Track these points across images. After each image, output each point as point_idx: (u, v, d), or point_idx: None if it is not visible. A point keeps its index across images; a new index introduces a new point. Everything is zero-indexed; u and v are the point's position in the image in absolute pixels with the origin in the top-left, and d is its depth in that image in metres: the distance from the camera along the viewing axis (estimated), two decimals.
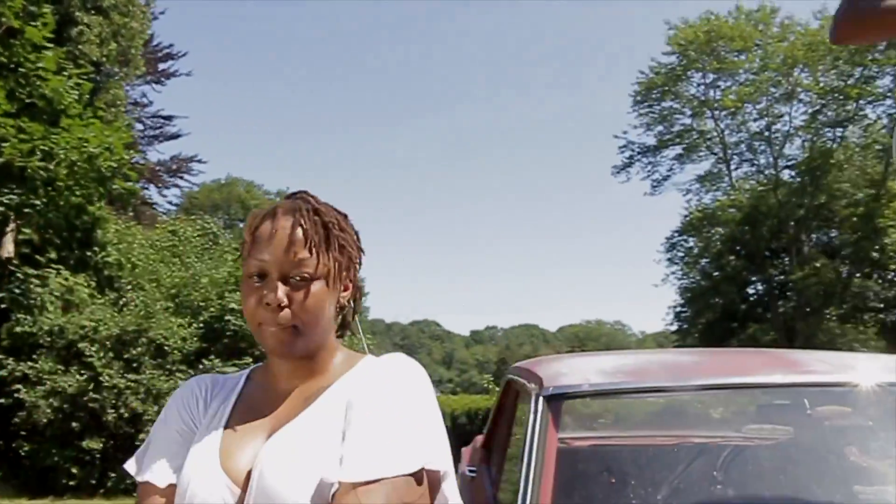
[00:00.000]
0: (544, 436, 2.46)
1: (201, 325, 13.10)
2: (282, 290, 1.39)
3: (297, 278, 1.39)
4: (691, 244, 31.98)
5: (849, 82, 27.41)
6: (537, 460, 2.41)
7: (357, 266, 1.52)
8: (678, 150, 31.58)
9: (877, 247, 26.64)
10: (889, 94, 27.27)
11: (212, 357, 12.32)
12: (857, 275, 28.40)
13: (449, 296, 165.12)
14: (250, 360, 12.15)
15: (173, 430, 1.49)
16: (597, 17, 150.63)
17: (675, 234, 31.86)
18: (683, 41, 29.47)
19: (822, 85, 28.05)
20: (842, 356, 2.88)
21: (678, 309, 32.63)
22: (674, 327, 33.97)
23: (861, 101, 27.59)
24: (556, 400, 2.54)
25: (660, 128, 31.53)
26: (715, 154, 31.25)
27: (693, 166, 31.95)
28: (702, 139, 31.22)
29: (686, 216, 31.44)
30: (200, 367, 11.94)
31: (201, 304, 13.44)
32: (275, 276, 1.39)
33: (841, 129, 28.33)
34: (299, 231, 1.41)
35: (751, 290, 32.05)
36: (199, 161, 29.17)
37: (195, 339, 12.86)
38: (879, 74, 27.37)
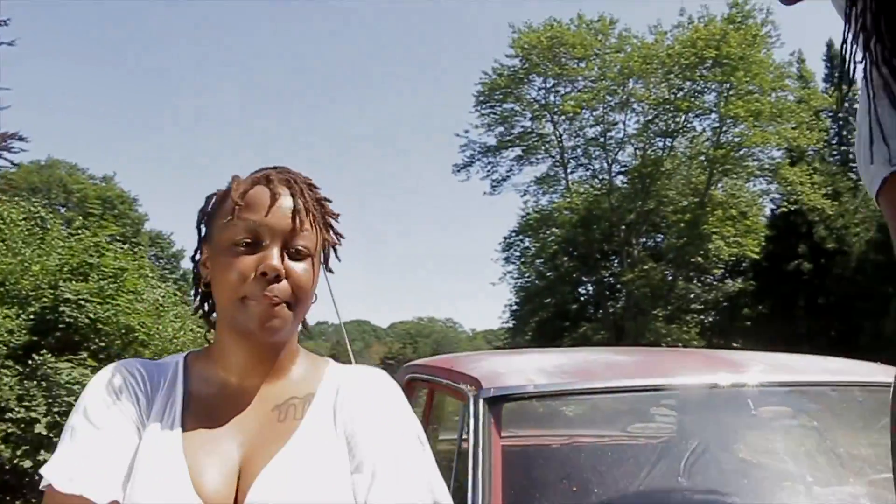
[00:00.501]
0: (488, 441, 2.29)
1: (31, 316, 12.05)
2: (281, 258, 1.24)
3: (297, 249, 1.26)
4: (528, 244, 32.78)
5: (678, 95, 28.91)
6: (484, 467, 2.25)
7: (334, 252, 1.41)
8: (518, 151, 32.31)
9: (701, 252, 28.28)
10: (714, 109, 28.98)
11: (43, 352, 11.33)
12: (682, 278, 30.04)
13: None
14: (86, 354, 11.28)
15: (107, 431, 1.21)
16: (443, 16, 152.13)
17: (513, 234, 32.61)
18: (527, 45, 30.12)
19: (654, 96, 29.43)
20: (774, 357, 2.89)
21: (514, 308, 33.40)
22: (509, 325, 34.74)
23: (689, 114, 29.21)
24: (498, 402, 2.39)
25: (500, 129, 32.14)
26: (553, 157, 32.17)
27: (531, 168, 32.77)
28: (541, 142, 32.05)
29: (523, 217, 32.24)
30: (30, 362, 10.98)
31: (31, 293, 12.38)
32: (274, 242, 1.24)
33: (670, 140, 29.86)
34: (300, 201, 1.28)
35: (583, 290, 33.32)
36: (21, 139, 27.08)
37: (24, 331, 11.83)
38: (706, 90, 29.06)
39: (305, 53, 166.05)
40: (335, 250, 1.39)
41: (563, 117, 31.23)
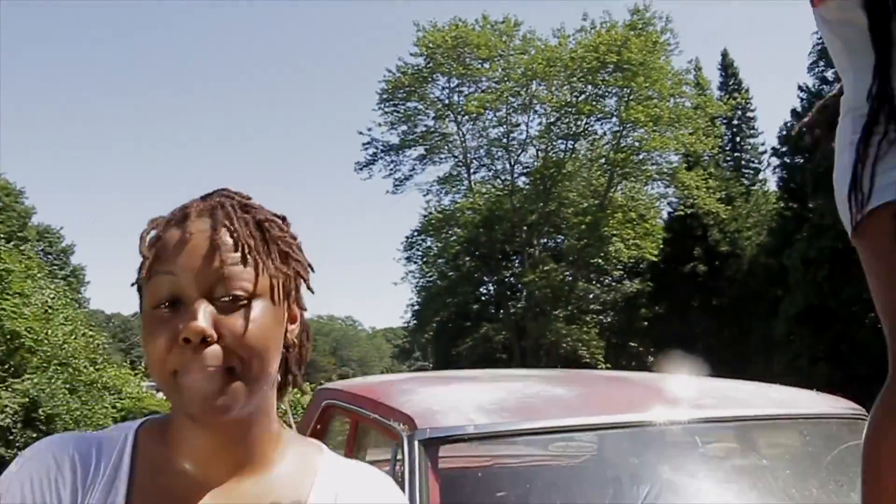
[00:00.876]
0: (425, 486, 2.05)
1: None
2: (206, 314, 0.93)
3: (228, 297, 0.95)
4: (430, 244, 32.61)
5: (580, 99, 29.24)
6: None
7: (304, 285, 1.09)
8: (421, 150, 32.11)
9: (601, 254, 28.68)
10: (614, 113, 29.44)
11: None
12: (582, 279, 30.41)
13: None
14: None
15: None
16: (347, 12, 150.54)
17: (415, 234, 32.39)
18: (431, 44, 29.94)
19: (556, 99, 29.69)
20: (717, 387, 2.73)
21: (416, 308, 33.21)
22: (410, 324, 34.55)
23: (591, 118, 29.58)
24: (435, 444, 2.13)
25: (404, 127, 31.88)
26: (455, 157, 32.12)
27: (434, 168, 32.63)
28: (444, 142, 31.95)
29: (425, 216, 32.05)
30: None
31: None
32: (194, 296, 0.95)
33: (572, 142, 30.20)
34: (224, 233, 0.98)
35: (484, 291, 33.39)
36: None
37: None
38: (607, 94, 29.48)
39: (204, 48, 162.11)
40: (306, 282, 1.08)
41: (466, 117, 31.21)
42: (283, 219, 1.09)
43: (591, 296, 31.01)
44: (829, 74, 22.06)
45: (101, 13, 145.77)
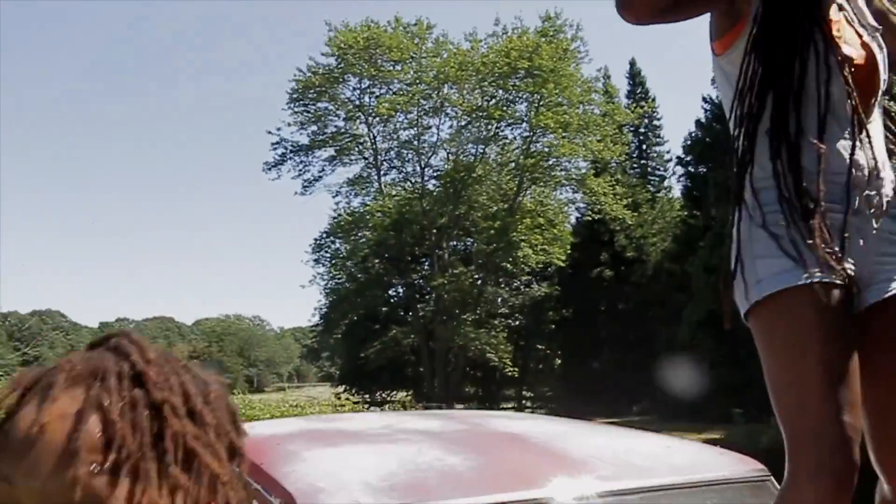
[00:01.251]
0: None
1: None
2: None
3: None
4: (339, 246, 32.25)
5: (491, 103, 29.33)
6: None
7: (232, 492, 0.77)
8: (331, 151, 31.70)
9: (510, 258, 28.81)
10: (525, 119, 29.62)
11: None
12: (491, 283, 30.52)
13: (77, 285, 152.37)
14: None
15: None
16: (258, 11, 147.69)
17: (324, 236, 31.95)
18: (343, 44, 29.57)
19: (467, 103, 29.70)
20: (623, 449, 2.60)
21: (324, 310, 32.79)
22: (319, 327, 34.14)
23: (501, 123, 29.67)
24: None
25: (314, 128, 31.42)
26: (366, 159, 31.84)
27: (344, 169, 32.30)
28: (354, 143, 31.62)
29: (335, 218, 31.65)
30: None
31: None
32: None
33: (482, 146, 30.23)
34: (94, 424, 0.69)
35: (393, 293, 33.18)
36: None
37: None
38: (518, 100, 29.65)
39: (105, 43, 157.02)
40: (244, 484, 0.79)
41: (377, 119, 30.96)
42: (207, 386, 0.79)
43: (499, 299, 31.14)
44: None
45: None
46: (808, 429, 1.48)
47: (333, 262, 32.12)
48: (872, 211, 1.66)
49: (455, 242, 32.05)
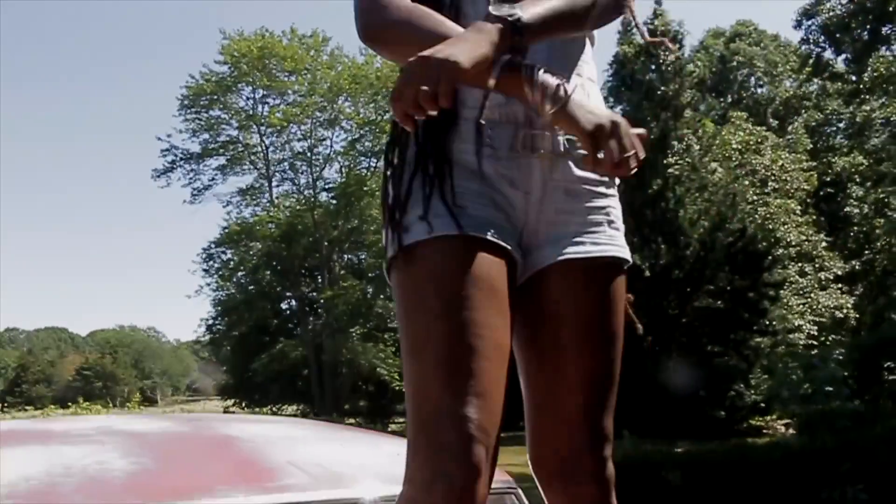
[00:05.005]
0: None
1: None
2: None
3: None
4: (229, 256, 31.76)
5: (385, 117, 29.36)
6: None
7: None
8: (222, 160, 31.30)
9: None
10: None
11: None
12: (382, 296, 30.45)
13: None
14: None
15: None
16: (151, 15, 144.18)
17: (213, 246, 31.40)
18: (237, 53, 29.27)
19: (361, 116, 29.71)
20: (317, 454, 2.55)
21: (210, 321, 32.20)
22: (206, 339, 33.47)
23: None
24: None
25: (205, 136, 30.98)
26: (258, 169, 31.56)
27: (236, 179, 31.96)
28: (246, 153, 31.29)
29: (225, 228, 31.17)
30: None
31: None
32: None
33: (375, 159, 30.25)
34: None
35: (284, 306, 32.80)
36: None
37: None
38: None
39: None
40: None
41: (270, 129, 30.71)
42: None
43: (391, 314, 31.09)
44: (618, 111, 23.19)
45: None
46: (423, 424, 1.25)
47: (222, 272, 31.60)
48: (538, 154, 1.37)
49: (347, 256, 31.93)
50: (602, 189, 1.45)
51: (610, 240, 1.44)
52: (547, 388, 1.43)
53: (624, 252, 1.45)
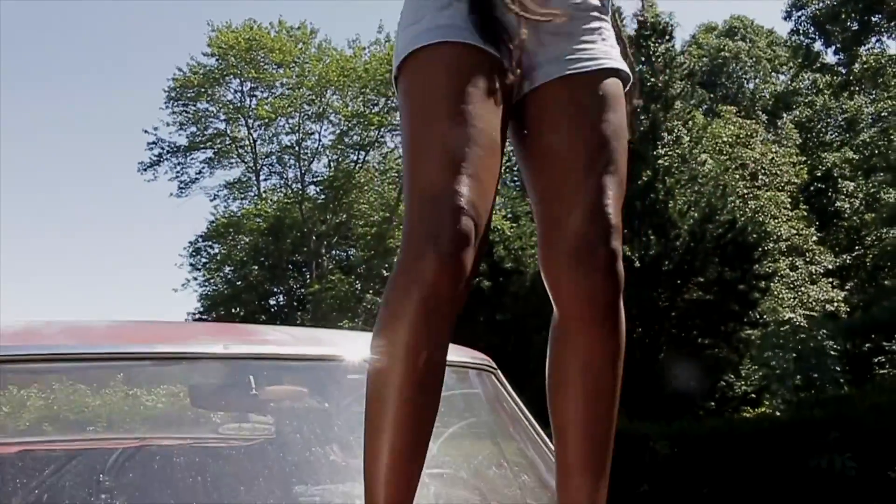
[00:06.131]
0: None
1: None
2: None
3: None
4: (216, 250, 31.53)
5: (374, 110, 29.23)
6: None
7: None
8: (209, 153, 31.00)
9: (386, 265, 28.69)
10: None
11: None
12: (370, 291, 30.29)
13: None
14: None
15: None
16: (137, 7, 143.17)
17: (200, 239, 31.13)
18: (224, 45, 29.00)
19: (350, 109, 29.51)
20: (299, 330, 2.55)
21: (197, 316, 31.94)
22: None
23: (382, 129, 29.58)
24: None
25: (193, 129, 30.65)
26: (245, 162, 31.27)
27: (223, 172, 31.62)
28: (234, 146, 31.03)
29: (212, 222, 30.93)
30: None
31: None
32: None
33: (363, 153, 30.09)
34: None
35: (272, 301, 32.62)
36: None
37: None
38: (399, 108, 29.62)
39: None
40: None
41: (258, 122, 30.46)
42: None
43: (378, 308, 30.97)
44: None
45: None
46: (417, 201, 1.36)
47: (209, 266, 31.37)
48: None
49: (335, 250, 31.76)
50: (596, 13, 1.53)
51: (605, 55, 1.51)
52: (555, 187, 1.48)
53: (622, 65, 1.52)
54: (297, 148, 30.63)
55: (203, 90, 30.04)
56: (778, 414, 15.69)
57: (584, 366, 1.47)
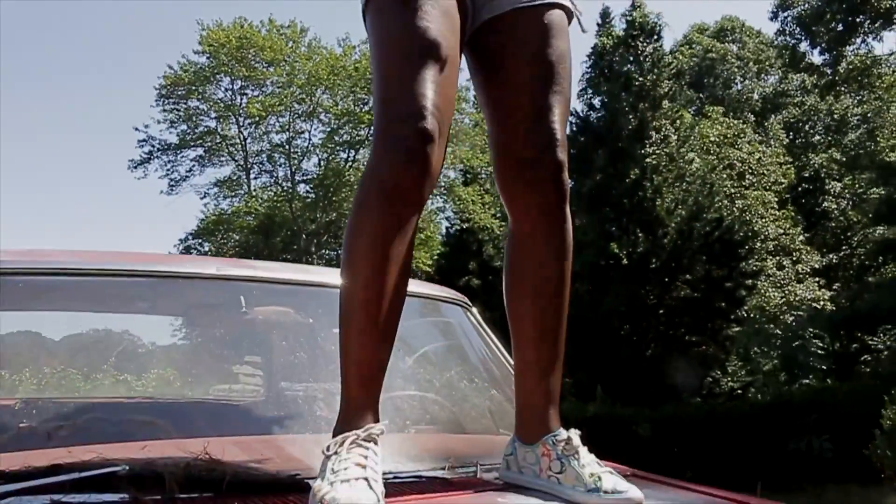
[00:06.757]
0: None
1: None
2: None
3: None
4: (206, 248, 31.47)
5: (363, 109, 29.25)
6: None
7: None
8: (200, 151, 30.98)
9: None
10: None
11: None
12: None
13: None
14: None
15: None
16: (136, 7, 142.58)
17: (190, 237, 31.10)
18: (215, 43, 29.00)
19: (340, 107, 29.52)
20: (290, 265, 2.63)
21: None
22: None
23: (371, 128, 29.56)
24: None
25: (183, 127, 30.62)
26: (236, 160, 31.24)
27: (213, 170, 31.59)
28: (224, 144, 31.00)
29: (202, 220, 30.90)
30: None
31: None
32: None
33: (353, 151, 30.10)
34: None
35: None
36: None
37: None
38: None
39: None
40: None
41: (248, 120, 30.44)
42: None
43: None
44: (597, 102, 23.22)
45: None
46: (384, 102, 1.45)
47: None
48: None
49: (326, 249, 31.75)
50: None
51: None
52: (505, 109, 1.60)
53: (565, 0, 1.65)
54: (287, 146, 30.64)
55: (194, 88, 30.02)
56: (759, 397, 15.87)
57: (536, 265, 1.60)
